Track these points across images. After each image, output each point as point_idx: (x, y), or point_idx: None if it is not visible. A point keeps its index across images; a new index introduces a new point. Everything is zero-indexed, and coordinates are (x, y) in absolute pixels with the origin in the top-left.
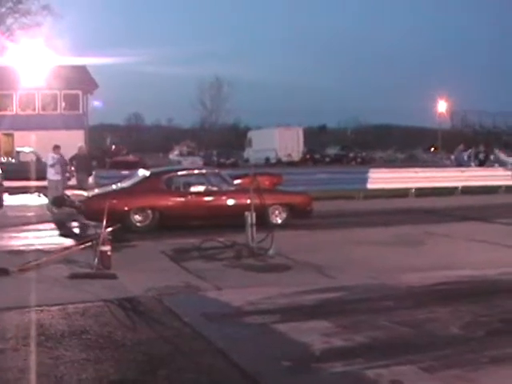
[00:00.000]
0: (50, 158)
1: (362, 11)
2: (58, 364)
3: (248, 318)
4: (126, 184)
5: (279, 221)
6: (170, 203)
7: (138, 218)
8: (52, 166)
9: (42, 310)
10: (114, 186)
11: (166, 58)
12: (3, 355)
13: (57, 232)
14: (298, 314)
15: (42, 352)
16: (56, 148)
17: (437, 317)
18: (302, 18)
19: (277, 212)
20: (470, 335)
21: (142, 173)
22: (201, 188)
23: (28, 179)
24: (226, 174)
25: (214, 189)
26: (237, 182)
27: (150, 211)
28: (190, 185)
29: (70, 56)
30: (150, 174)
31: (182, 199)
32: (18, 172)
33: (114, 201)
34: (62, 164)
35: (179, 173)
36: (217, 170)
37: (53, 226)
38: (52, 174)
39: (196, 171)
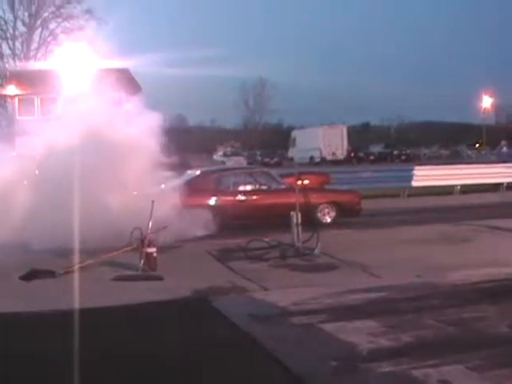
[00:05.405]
0: None
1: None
2: None
3: (294, 318)
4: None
5: (328, 220)
6: (220, 202)
7: None
8: None
9: (86, 312)
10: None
11: (207, 60)
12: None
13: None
14: (344, 314)
15: (84, 351)
16: None
17: (484, 315)
18: (341, 16)
19: (326, 211)
20: None
21: (192, 172)
22: (250, 187)
23: None
24: (275, 173)
25: (264, 188)
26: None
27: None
28: (239, 184)
29: (112, 59)
30: (200, 173)
31: (232, 198)
32: None
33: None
34: None
35: (229, 172)
36: (266, 169)
37: None
38: None
39: (246, 170)
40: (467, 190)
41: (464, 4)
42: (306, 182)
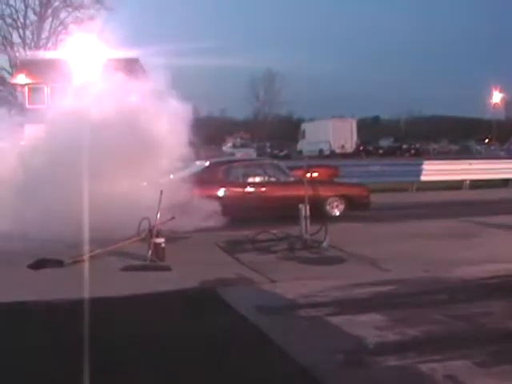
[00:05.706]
0: None
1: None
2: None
3: (302, 310)
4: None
5: (337, 213)
6: (228, 193)
7: None
8: None
9: (94, 302)
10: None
11: (216, 50)
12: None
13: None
14: (352, 307)
15: (91, 341)
16: None
17: (491, 311)
18: (351, 9)
19: (335, 204)
20: None
21: (201, 163)
22: (259, 179)
23: None
24: (284, 165)
25: (273, 180)
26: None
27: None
28: (248, 176)
29: (122, 49)
30: (209, 165)
31: (241, 190)
32: None
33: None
34: None
35: (238, 163)
36: (275, 161)
37: None
38: None
39: (255, 162)
40: (476, 185)
41: None
42: (315, 174)
